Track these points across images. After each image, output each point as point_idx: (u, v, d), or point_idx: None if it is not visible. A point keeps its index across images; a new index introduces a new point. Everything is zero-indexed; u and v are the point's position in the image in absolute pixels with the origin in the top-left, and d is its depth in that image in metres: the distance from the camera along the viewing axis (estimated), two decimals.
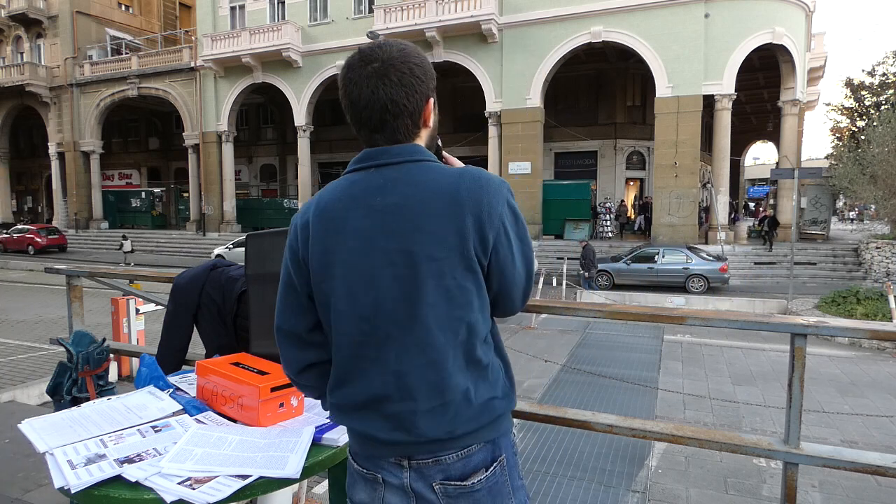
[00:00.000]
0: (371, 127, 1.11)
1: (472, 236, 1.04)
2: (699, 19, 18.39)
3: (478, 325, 1.09)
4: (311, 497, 2.82)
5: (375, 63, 1.08)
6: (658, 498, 4.06)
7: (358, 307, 1.07)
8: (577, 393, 6.74)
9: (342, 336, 1.10)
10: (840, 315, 11.25)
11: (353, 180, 1.12)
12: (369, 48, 1.10)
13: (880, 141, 15.82)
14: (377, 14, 21.34)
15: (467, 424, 1.08)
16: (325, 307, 1.12)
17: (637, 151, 24.79)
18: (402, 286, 1.05)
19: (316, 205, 1.14)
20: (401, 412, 1.07)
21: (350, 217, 1.08)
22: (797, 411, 1.65)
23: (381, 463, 1.12)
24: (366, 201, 1.08)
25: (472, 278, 1.06)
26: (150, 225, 30.40)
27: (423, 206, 1.04)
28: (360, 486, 1.16)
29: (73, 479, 1.20)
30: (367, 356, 1.09)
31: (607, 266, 16.15)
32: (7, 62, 31.04)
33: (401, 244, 1.04)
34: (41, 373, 6.41)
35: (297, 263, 1.15)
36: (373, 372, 1.09)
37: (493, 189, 1.07)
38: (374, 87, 1.07)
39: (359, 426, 1.12)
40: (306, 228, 1.13)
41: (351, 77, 1.10)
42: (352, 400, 1.12)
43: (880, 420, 5.89)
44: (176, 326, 2.18)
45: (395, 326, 1.06)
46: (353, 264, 1.07)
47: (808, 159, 43.42)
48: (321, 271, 1.10)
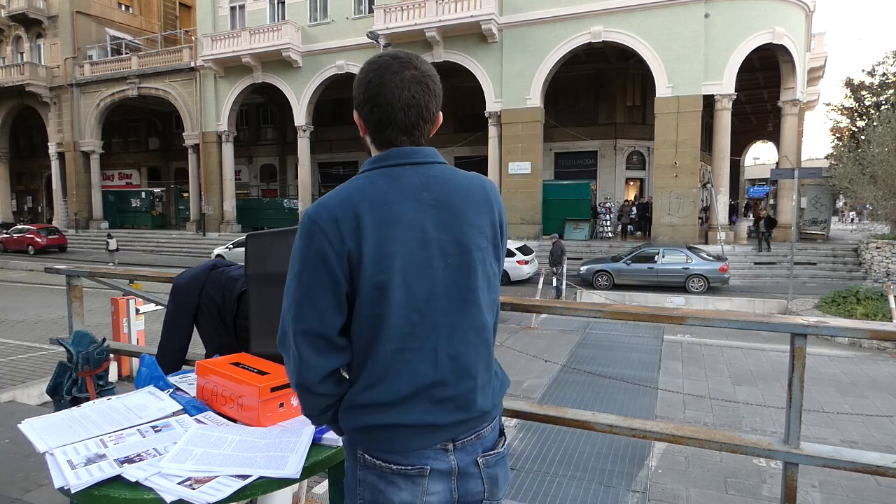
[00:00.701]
0: (402, 128, 1.17)
1: (498, 229, 1.23)
2: (699, 19, 18.39)
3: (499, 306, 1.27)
4: (311, 497, 2.82)
5: (414, 70, 1.16)
6: (658, 498, 4.06)
7: (411, 297, 1.12)
8: (577, 393, 6.75)
9: (392, 329, 1.11)
10: (840, 315, 11.25)
11: (392, 176, 1.15)
12: (404, 55, 1.19)
13: (880, 141, 15.81)
14: (377, 14, 21.34)
15: (500, 395, 1.25)
16: (377, 301, 1.11)
17: (637, 151, 24.80)
18: (452, 274, 1.15)
19: (361, 196, 1.13)
20: (458, 393, 1.15)
21: (404, 210, 1.12)
22: (797, 411, 1.65)
23: (426, 453, 1.15)
24: (414, 196, 1.14)
25: (499, 264, 1.24)
26: (150, 225, 30.40)
27: (465, 202, 1.17)
28: (400, 485, 1.14)
29: (73, 479, 1.20)
30: (413, 347, 1.12)
31: (607, 266, 16.15)
32: (7, 62, 31.04)
33: (452, 235, 1.15)
34: (41, 373, 6.41)
35: (340, 258, 1.10)
36: (421, 361, 1.13)
37: (498, 191, 1.28)
38: (414, 91, 1.15)
39: (407, 419, 1.13)
40: (353, 220, 1.10)
41: (390, 79, 1.15)
42: (394, 394, 1.12)
43: (880, 420, 5.89)
44: (176, 326, 2.18)
45: (444, 314, 1.14)
46: (411, 256, 1.11)
47: (808, 159, 43.43)
48: (377, 263, 1.10)
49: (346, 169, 30.37)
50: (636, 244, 18.77)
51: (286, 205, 27.08)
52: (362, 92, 1.18)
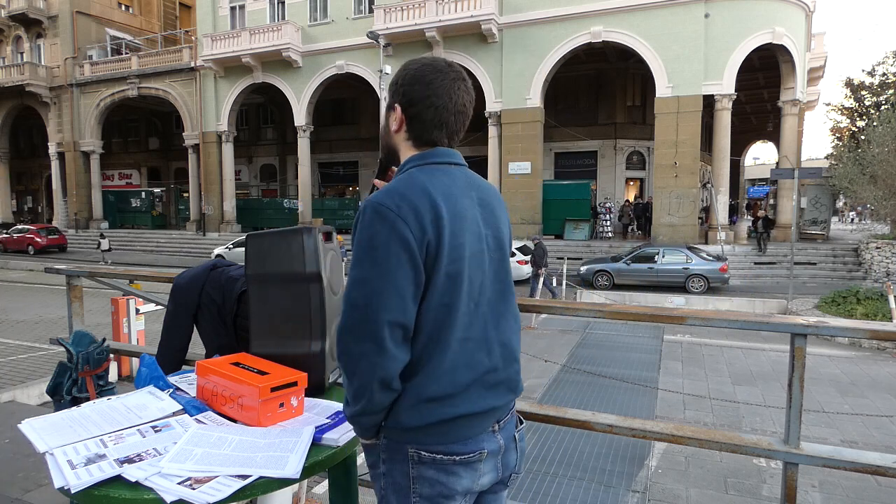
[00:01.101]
0: (450, 131, 1.26)
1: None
2: (699, 19, 18.39)
3: None
4: (311, 497, 2.82)
5: (466, 81, 1.27)
6: (658, 498, 4.06)
7: (472, 288, 1.19)
8: (577, 393, 6.74)
9: (460, 317, 1.17)
10: (840, 315, 11.25)
11: (447, 173, 1.23)
12: (455, 64, 1.28)
13: (880, 141, 15.81)
14: (377, 14, 21.33)
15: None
16: (450, 290, 1.15)
17: (637, 151, 24.79)
18: (495, 266, 1.25)
19: (434, 188, 1.16)
20: (508, 377, 1.26)
21: (466, 206, 1.20)
22: (797, 411, 1.65)
23: (482, 437, 1.21)
24: (467, 193, 1.23)
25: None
26: (150, 225, 30.40)
27: (497, 204, 1.30)
28: (461, 473, 1.19)
29: (73, 479, 1.20)
30: (470, 336, 1.19)
31: (607, 266, 16.15)
32: (7, 62, 31.04)
33: (495, 232, 1.26)
34: (41, 373, 6.41)
35: (421, 247, 1.11)
36: (477, 350, 1.20)
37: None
38: (467, 101, 1.26)
39: (469, 407, 1.18)
40: (434, 210, 1.13)
41: (444, 83, 1.23)
42: (458, 385, 1.17)
43: (880, 420, 5.89)
44: (176, 326, 2.18)
45: (490, 304, 1.24)
46: (472, 248, 1.19)
47: (808, 159, 43.42)
48: (451, 253, 1.15)
49: (346, 169, 30.38)
50: (636, 244, 18.77)
51: (286, 205, 27.08)
52: (419, 91, 1.22)
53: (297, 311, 1.79)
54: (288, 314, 1.80)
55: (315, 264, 1.77)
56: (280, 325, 1.81)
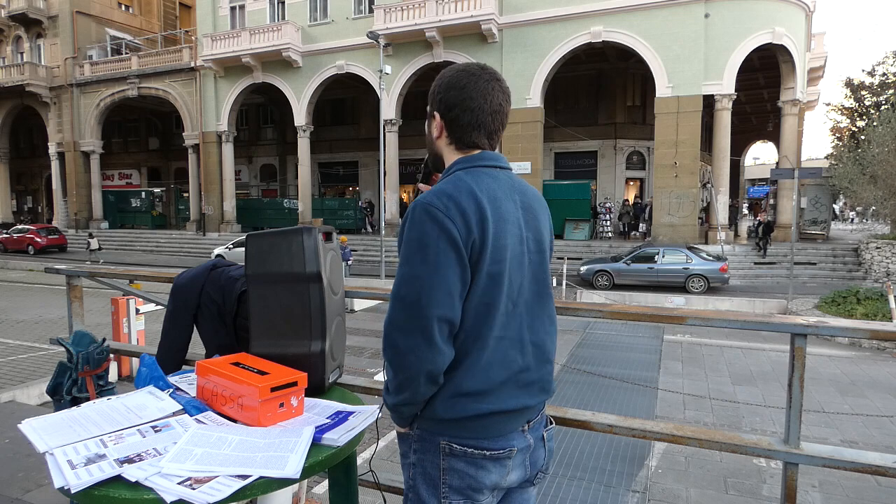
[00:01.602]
0: (489, 132, 1.29)
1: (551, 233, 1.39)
2: (699, 19, 18.39)
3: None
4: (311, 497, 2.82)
5: (499, 82, 1.29)
6: (658, 498, 4.06)
7: (511, 288, 1.23)
8: (577, 393, 6.74)
9: (499, 317, 1.21)
10: (840, 315, 11.25)
11: (493, 176, 1.26)
12: (489, 67, 1.31)
13: (880, 141, 15.81)
14: (377, 14, 21.34)
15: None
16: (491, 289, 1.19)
17: (637, 151, 24.79)
18: (533, 268, 1.28)
19: (481, 191, 1.21)
20: (541, 377, 1.29)
21: (508, 208, 1.24)
22: (797, 411, 1.65)
23: (512, 435, 1.25)
24: (510, 196, 1.26)
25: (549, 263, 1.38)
26: (150, 225, 30.39)
27: (539, 207, 1.33)
28: (490, 468, 1.23)
29: (73, 479, 1.20)
30: (505, 336, 1.23)
31: (607, 266, 16.15)
32: (7, 62, 31.04)
33: (535, 234, 1.30)
34: (41, 373, 6.41)
35: (469, 245, 1.17)
36: (511, 348, 1.23)
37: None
38: (502, 100, 1.29)
39: (502, 404, 1.22)
40: (479, 212, 1.18)
41: (480, 85, 1.27)
42: (492, 382, 1.21)
43: (880, 420, 5.89)
44: (176, 326, 2.18)
45: (527, 304, 1.26)
46: (514, 250, 1.23)
47: (808, 159, 43.40)
48: (495, 253, 1.19)
49: (346, 169, 30.38)
50: (636, 244, 18.77)
51: (286, 205, 27.08)
52: (454, 95, 1.27)
53: (297, 311, 1.79)
54: (288, 314, 1.80)
55: (315, 264, 1.77)
56: (280, 325, 1.81)
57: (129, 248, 27.31)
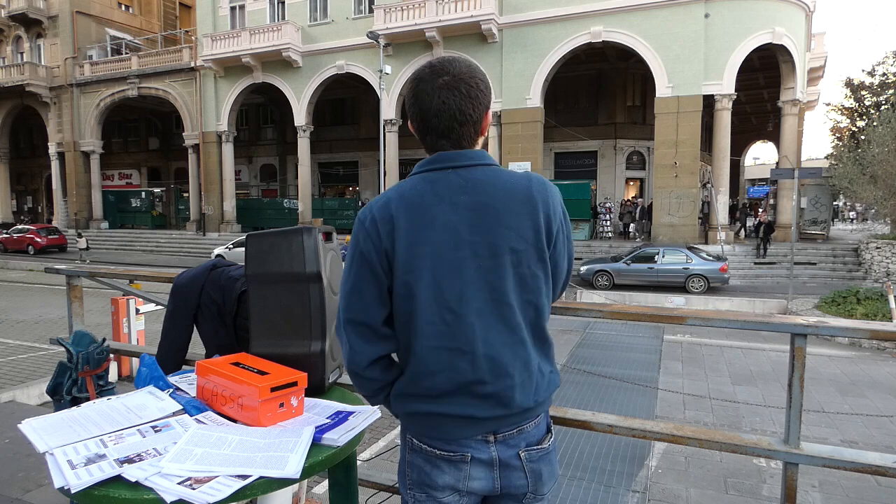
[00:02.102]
0: (439, 133, 1.23)
1: (543, 231, 1.21)
2: (699, 19, 18.39)
3: (544, 309, 1.25)
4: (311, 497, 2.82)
5: (446, 76, 1.21)
6: (658, 498, 4.06)
7: (442, 297, 1.17)
8: (577, 393, 6.74)
9: (426, 325, 1.18)
10: (840, 315, 11.25)
11: (432, 179, 1.21)
12: (439, 62, 1.23)
13: (880, 141, 15.81)
14: (377, 14, 21.34)
15: (544, 393, 1.27)
16: (408, 298, 1.18)
17: (637, 151, 24.79)
18: (484, 276, 1.18)
19: (399, 199, 1.21)
20: (499, 390, 1.20)
21: (438, 213, 1.18)
22: (797, 411, 1.65)
23: (468, 442, 1.22)
24: (451, 199, 1.19)
25: (542, 267, 1.23)
26: (150, 225, 30.39)
27: (504, 205, 1.19)
28: (443, 469, 1.23)
29: (73, 479, 1.20)
30: (451, 346, 1.18)
31: (607, 266, 16.15)
32: (7, 62, 31.04)
33: (486, 238, 1.18)
34: (41, 373, 6.42)
35: (379, 255, 1.20)
36: (461, 361, 1.18)
37: (554, 192, 1.25)
38: (444, 97, 1.20)
39: (448, 409, 1.20)
40: (389, 222, 1.19)
41: (423, 88, 1.22)
42: (439, 388, 1.20)
43: (880, 420, 5.89)
44: (176, 326, 2.18)
45: (480, 315, 1.18)
46: (442, 256, 1.17)
47: (808, 159, 43.41)
48: (408, 262, 1.17)
49: (346, 169, 30.38)
50: (636, 244, 18.77)
51: (286, 205, 27.08)
52: (408, 104, 1.27)
53: (297, 311, 1.79)
54: (288, 314, 1.80)
55: (315, 264, 1.77)
56: (280, 325, 1.81)
57: (129, 248, 27.31)
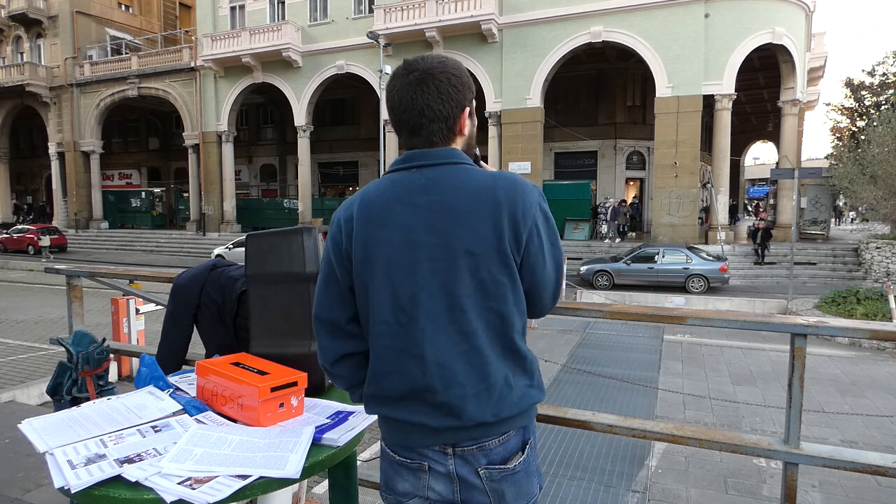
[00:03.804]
0: (409, 130, 1.20)
1: (507, 234, 1.12)
2: (699, 19, 18.39)
3: (512, 317, 1.16)
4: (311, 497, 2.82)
5: (416, 73, 1.18)
6: (658, 498, 4.06)
7: (397, 299, 1.14)
8: (577, 393, 6.74)
9: (381, 326, 1.16)
10: (840, 315, 11.25)
11: (395, 179, 1.19)
12: (413, 59, 1.21)
13: (880, 141, 15.81)
14: (377, 14, 21.34)
15: (510, 409, 1.16)
16: (364, 298, 1.18)
17: (637, 151, 24.79)
18: (439, 279, 1.13)
19: (360, 200, 1.20)
20: (449, 400, 1.13)
21: (394, 213, 1.15)
22: (797, 411, 1.65)
23: (426, 452, 1.19)
24: (409, 199, 1.15)
25: (507, 273, 1.14)
26: (150, 225, 30.39)
27: (463, 205, 1.13)
28: (403, 475, 1.22)
29: (73, 479, 1.20)
30: (404, 348, 1.15)
31: (607, 266, 16.15)
32: (7, 62, 31.03)
33: (442, 240, 1.12)
34: (41, 373, 6.41)
35: (339, 255, 1.21)
36: (412, 364, 1.14)
37: (526, 192, 1.16)
38: (412, 94, 1.17)
39: (406, 416, 1.17)
40: (350, 222, 1.19)
41: (394, 85, 1.20)
42: (393, 391, 1.17)
43: (880, 420, 5.89)
44: (176, 326, 2.18)
45: (432, 319, 1.13)
46: (395, 258, 1.14)
47: (808, 159, 43.39)
48: (363, 263, 1.17)
49: (346, 169, 30.39)
50: (636, 244, 18.77)
51: (286, 205, 27.08)
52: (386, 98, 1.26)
53: (297, 311, 1.79)
54: (288, 314, 1.80)
55: (315, 264, 1.77)
56: (280, 325, 1.81)
57: (129, 248, 27.31)
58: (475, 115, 1.26)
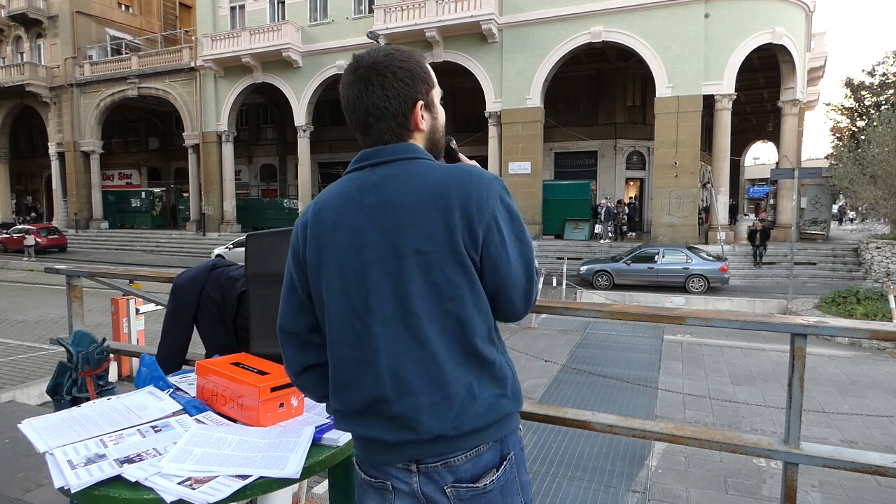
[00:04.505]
0: (360, 130, 1.15)
1: (459, 230, 1.03)
2: (699, 19, 18.39)
3: (472, 320, 1.06)
4: (311, 497, 2.82)
5: (361, 69, 1.12)
6: (658, 498, 4.06)
7: (350, 304, 1.08)
8: (577, 393, 6.74)
9: (337, 334, 1.10)
10: (840, 315, 11.25)
11: (349, 179, 1.14)
12: (360, 55, 1.14)
13: (880, 141, 15.81)
14: (377, 14, 21.33)
15: (474, 421, 1.06)
16: (321, 305, 1.12)
17: (637, 151, 24.79)
18: (391, 281, 1.05)
19: (315, 204, 1.15)
20: (403, 411, 1.05)
21: (345, 215, 1.09)
22: (797, 411, 1.65)
23: (389, 470, 1.11)
24: (360, 199, 1.09)
25: (463, 272, 1.05)
26: (150, 225, 30.39)
27: (412, 202, 1.05)
28: (370, 496, 1.15)
29: (73, 479, 1.20)
30: (360, 358, 1.08)
31: (607, 266, 16.15)
32: (7, 62, 31.03)
33: (389, 239, 1.05)
34: (41, 373, 6.41)
35: (297, 263, 1.16)
36: (368, 373, 1.07)
37: (483, 184, 1.07)
38: (358, 91, 1.11)
39: (364, 431, 1.10)
40: (305, 228, 1.14)
41: (344, 81, 1.15)
42: (353, 404, 1.10)
43: (880, 420, 5.89)
44: (176, 326, 2.18)
45: (385, 324, 1.05)
46: (347, 261, 1.08)
47: (808, 159, 43.40)
48: (317, 269, 1.11)
49: (345, 169, 30.29)
50: (636, 244, 18.77)
51: (286, 205, 27.09)
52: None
53: None
54: None
55: None
56: None
57: (129, 248, 27.30)
58: (436, 106, 1.18)
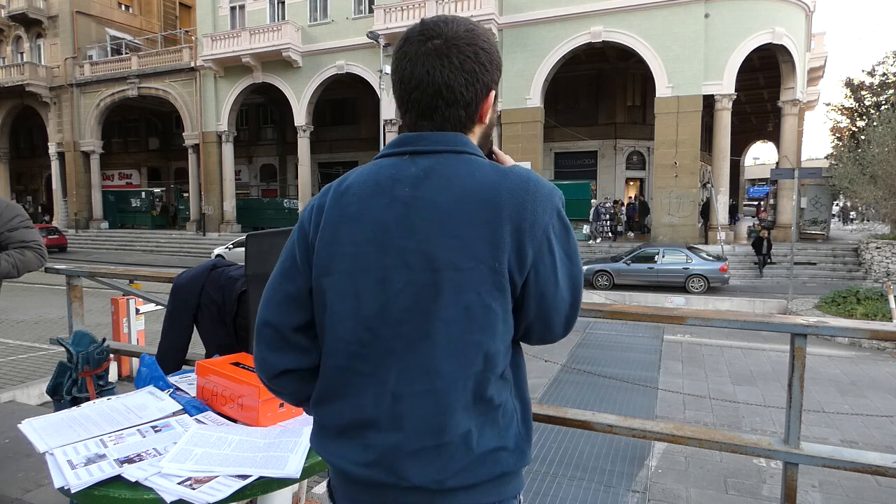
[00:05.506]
0: (419, 111, 0.95)
1: (507, 248, 0.88)
2: (699, 19, 18.40)
3: (497, 357, 0.91)
4: (311, 497, 2.82)
5: (437, 40, 0.93)
6: (658, 498, 4.06)
7: (362, 311, 0.91)
8: (577, 393, 6.74)
9: (338, 342, 0.93)
10: (840, 315, 11.25)
11: (382, 165, 0.95)
12: (433, 21, 0.95)
13: (880, 141, 15.81)
14: (377, 14, 21.34)
15: (460, 477, 0.89)
16: (322, 305, 0.94)
17: (637, 151, 24.80)
18: (414, 294, 0.88)
19: (336, 187, 0.97)
20: (385, 444, 0.90)
21: (371, 206, 0.92)
22: (797, 411, 1.65)
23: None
24: (391, 190, 0.91)
25: (501, 298, 0.89)
26: (150, 225, 30.40)
27: (453, 205, 0.88)
28: None
29: (73, 479, 1.20)
30: (361, 371, 0.92)
31: (607, 266, 16.15)
32: (7, 62, 31.03)
33: (420, 245, 0.88)
34: (41, 373, 6.40)
35: (304, 247, 0.98)
36: (367, 390, 0.91)
37: (541, 194, 0.91)
38: (430, 66, 0.92)
39: (335, 459, 0.94)
40: (321, 211, 0.96)
41: (406, 51, 0.94)
42: (337, 419, 0.94)
43: (880, 420, 5.89)
44: (176, 326, 2.18)
45: (400, 340, 0.89)
46: (364, 260, 0.90)
47: (808, 159, 43.42)
48: (325, 262, 0.93)
49: (346, 169, 30.33)
50: (636, 244, 18.77)
51: (286, 205, 27.09)
52: (391, 67, 0.99)
53: None
54: None
55: None
56: None
57: (129, 248, 27.31)
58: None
